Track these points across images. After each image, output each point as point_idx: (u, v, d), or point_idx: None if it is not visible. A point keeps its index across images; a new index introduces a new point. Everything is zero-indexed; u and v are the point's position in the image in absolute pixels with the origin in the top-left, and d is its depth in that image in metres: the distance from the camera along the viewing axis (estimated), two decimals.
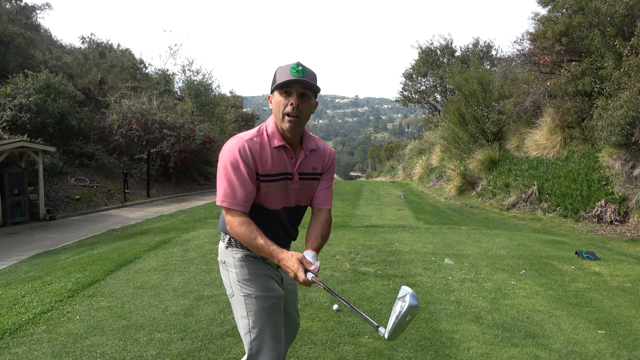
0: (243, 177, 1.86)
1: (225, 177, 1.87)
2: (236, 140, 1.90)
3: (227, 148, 1.90)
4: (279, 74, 1.88)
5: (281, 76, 1.87)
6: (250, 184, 1.88)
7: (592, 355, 3.17)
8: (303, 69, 1.86)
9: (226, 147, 1.91)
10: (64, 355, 3.07)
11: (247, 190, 1.88)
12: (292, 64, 1.88)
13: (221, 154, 1.92)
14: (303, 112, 1.89)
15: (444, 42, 28.45)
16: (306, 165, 2.02)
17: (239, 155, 1.86)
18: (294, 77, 1.84)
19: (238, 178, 1.86)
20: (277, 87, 1.87)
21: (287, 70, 1.86)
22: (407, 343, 3.28)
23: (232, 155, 1.86)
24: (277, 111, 1.89)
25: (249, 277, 2.00)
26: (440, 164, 20.28)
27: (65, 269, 5.85)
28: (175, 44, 57.10)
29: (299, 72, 1.85)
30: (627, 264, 5.86)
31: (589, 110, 11.61)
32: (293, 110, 1.86)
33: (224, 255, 2.08)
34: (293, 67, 1.86)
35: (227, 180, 1.87)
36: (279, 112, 1.89)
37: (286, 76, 1.85)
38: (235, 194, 1.86)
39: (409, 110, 45.77)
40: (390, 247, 6.33)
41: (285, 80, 1.84)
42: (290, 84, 1.85)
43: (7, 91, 15.33)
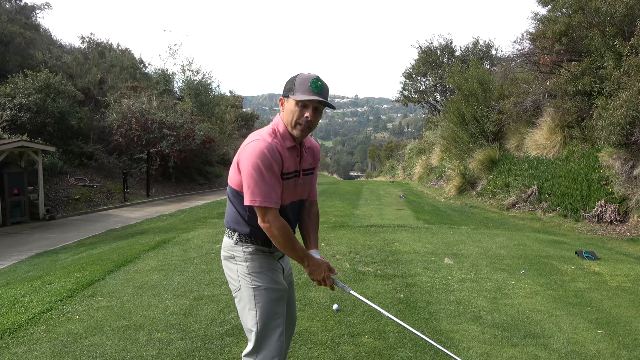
0: (276, 176, 1.95)
1: (259, 178, 1.91)
2: (263, 143, 1.94)
3: (257, 150, 1.92)
4: (298, 84, 1.97)
5: (301, 87, 1.95)
6: (280, 183, 1.98)
7: (592, 355, 3.17)
8: (322, 85, 1.97)
9: (254, 149, 1.93)
10: (64, 355, 3.07)
11: (279, 189, 1.97)
12: (313, 77, 1.97)
13: (249, 156, 1.93)
14: (314, 124, 2.01)
15: (444, 42, 28.44)
16: (306, 162, 2.14)
17: (271, 157, 1.92)
18: (314, 94, 1.94)
19: (271, 178, 1.93)
20: (297, 102, 1.95)
21: (307, 83, 1.95)
22: (407, 343, 3.28)
23: (264, 156, 1.91)
24: (291, 118, 1.99)
25: (260, 270, 2.08)
26: (440, 164, 20.28)
27: (65, 269, 5.85)
28: (175, 44, 57.18)
29: (318, 87, 1.96)
30: (627, 264, 5.86)
31: (589, 110, 11.61)
32: (307, 123, 1.97)
33: (232, 251, 2.13)
34: (313, 82, 1.95)
35: (260, 181, 1.91)
36: (292, 120, 1.98)
37: (306, 89, 1.94)
38: (271, 193, 1.93)
39: (409, 110, 45.78)
40: (390, 247, 6.33)
41: (306, 98, 1.93)
42: (310, 102, 1.95)
43: (7, 91, 15.32)
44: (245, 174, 1.94)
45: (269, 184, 1.92)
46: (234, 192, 2.08)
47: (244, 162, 1.95)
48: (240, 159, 1.98)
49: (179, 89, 26.23)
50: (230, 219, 2.15)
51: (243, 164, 1.95)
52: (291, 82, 1.99)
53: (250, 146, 1.95)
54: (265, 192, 1.92)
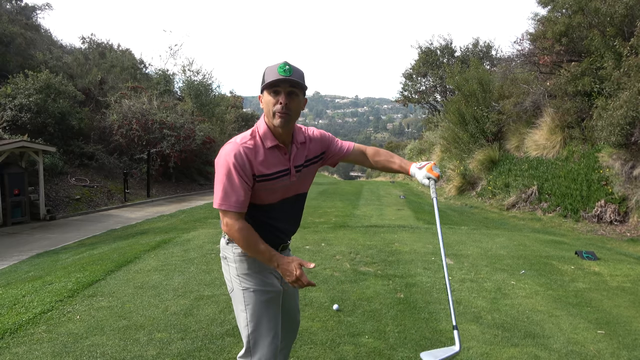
0: (239, 181, 1.92)
1: (222, 182, 1.92)
2: (231, 146, 1.95)
3: (223, 153, 1.95)
4: (267, 73, 1.94)
5: (269, 76, 1.92)
6: (246, 187, 1.94)
7: (592, 355, 3.18)
8: (290, 68, 1.92)
9: (222, 152, 1.96)
10: (64, 355, 3.07)
11: (242, 193, 1.93)
12: (280, 63, 1.94)
13: (218, 159, 1.96)
14: (292, 110, 1.94)
15: (444, 42, 28.42)
16: (299, 158, 2.09)
17: (236, 161, 1.91)
18: (281, 77, 1.89)
19: (234, 182, 1.91)
20: (266, 86, 1.93)
21: (274, 69, 1.92)
22: (407, 343, 3.28)
23: (229, 160, 1.91)
24: (268, 110, 1.96)
25: (247, 272, 2.06)
26: (440, 164, 20.27)
27: (66, 269, 5.86)
28: (175, 44, 57.01)
29: (286, 71, 1.91)
30: (627, 264, 5.87)
31: (589, 110, 11.61)
32: (282, 108, 1.92)
33: (224, 251, 2.13)
34: (280, 67, 1.91)
35: (222, 184, 1.92)
36: (269, 111, 1.95)
37: (274, 75, 1.91)
38: (230, 197, 1.92)
39: (409, 110, 45.76)
40: (390, 247, 6.33)
41: (273, 79, 1.90)
42: (278, 83, 1.91)
43: (7, 91, 15.32)
44: (216, 175, 1.98)
45: (227, 188, 1.91)
46: None
47: (215, 166, 1.99)
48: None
49: (179, 89, 26.24)
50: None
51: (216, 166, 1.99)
52: (262, 76, 1.97)
53: (222, 151, 1.97)
54: (223, 196, 1.92)
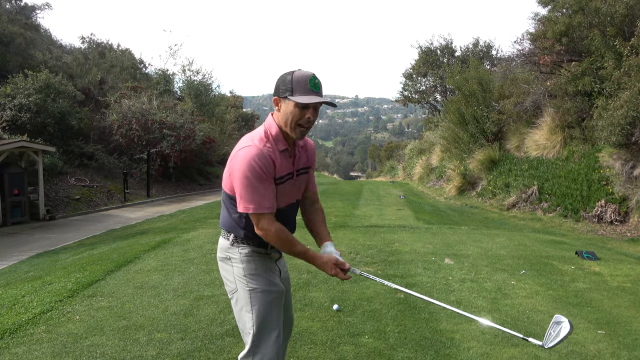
0: (268, 183, 1.92)
1: (251, 185, 1.89)
2: (254, 149, 1.90)
3: (247, 156, 1.89)
4: (296, 83, 1.90)
5: (299, 87, 1.89)
6: (273, 188, 1.95)
7: (592, 355, 3.18)
8: (319, 83, 1.93)
9: (246, 155, 1.90)
10: (64, 355, 3.07)
11: (272, 195, 1.94)
12: (309, 75, 1.91)
13: (239, 163, 1.90)
14: (312, 123, 1.97)
15: (444, 42, 28.43)
16: (300, 162, 2.12)
17: (262, 163, 1.89)
18: (314, 94, 1.89)
19: (265, 185, 1.90)
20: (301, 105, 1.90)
21: (305, 82, 1.89)
22: (407, 343, 3.28)
23: (254, 164, 1.88)
24: (289, 120, 1.93)
25: (255, 272, 2.05)
26: (440, 164, 20.28)
27: (65, 269, 5.85)
28: (175, 44, 57.13)
29: (316, 86, 1.91)
30: (627, 264, 5.86)
31: (589, 110, 11.61)
32: (308, 123, 1.93)
33: (228, 252, 2.10)
34: (311, 80, 1.90)
35: (253, 188, 1.89)
36: (290, 121, 1.93)
37: (305, 89, 1.88)
38: (263, 200, 1.91)
39: (409, 110, 45.78)
40: (390, 247, 6.33)
41: (309, 101, 1.88)
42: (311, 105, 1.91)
43: (7, 91, 15.32)
44: (236, 182, 1.92)
45: (260, 191, 1.89)
46: (228, 196, 2.06)
47: (234, 170, 1.92)
48: (231, 166, 1.95)
49: (179, 89, 26.23)
50: (225, 222, 2.12)
51: (234, 172, 1.93)
52: (286, 82, 1.91)
53: (241, 153, 1.91)
54: (257, 199, 1.89)
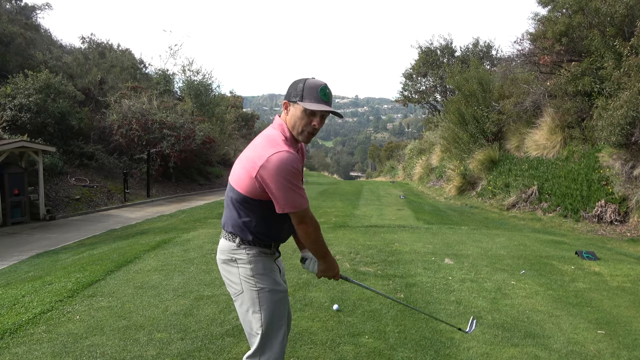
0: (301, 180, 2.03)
1: (295, 187, 1.95)
2: (285, 153, 1.94)
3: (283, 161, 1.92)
4: (307, 90, 1.98)
5: (309, 95, 1.97)
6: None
7: (592, 355, 3.18)
8: (329, 93, 2.02)
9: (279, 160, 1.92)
10: (64, 355, 3.07)
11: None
12: (320, 84, 1.99)
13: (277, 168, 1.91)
14: (317, 130, 2.05)
15: (444, 42, 28.41)
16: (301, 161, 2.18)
17: (296, 166, 1.96)
18: (323, 103, 1.98)
19: (299, 183, 1.99)
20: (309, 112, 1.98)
21: (315, 91, 1.97)
22: (407, 343, 3.28)
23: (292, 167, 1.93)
24: (297, 124, 2.01)
25: (263, 272, 2.08)
26: (440, 164, 20.28)
27: (65, 269, 5.85)
28: (175, 44, 56.96)
29: (326, 95, 2.00)
30: (627, 264, 5.86)
31: (589, 110, 11.61)
32: (313, 130, 2.02)
33: (233, 253, 2.10)
34: (322, 90, 1.98)
35: (296, 188, 1.96)
36: (298, 126, 2.01)
37: (315, 98, 1.97)
38: (304, 195, 2.00)
39: (409, 110, 45.75)
40: (390, 247, 6.33)
41: (318, 109, 1.96)
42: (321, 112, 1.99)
43: (7, 91, 15.31)
44: (275, 186, 1.92)
45: (300, 189, 1.98)
46: (243, 198, 2.02)
47: (272, 175, 1.90)
48: (264, 171, 1.91)
49: (179, 89, 26.23)
50: (233, 224, 2.09)
51: (271, 177, 1.91)
52: (298, 88, 1.99)
53: (275, 158, 1.91)
54: (301, 198, 1.97)
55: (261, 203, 2.01)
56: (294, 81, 2.03)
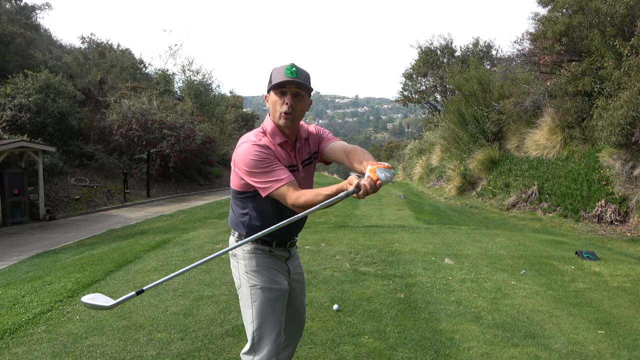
0: (273, 160, 1.94)
1: (258, 173, 1.91)
2: (249, 143, 1.96)
3: (245, 148, 1.94)
4: (274, 74, 2.00)
5: (276, 77, 1.98)
6: (282, 164, 1.96)
7: (592, 355, 3.17)
8: (297, 70, 1.98)
9: (243, 148, 1.95)
10: (64, 355, 3.07)
11: (282, 166, 1.96)
12: (287, 65, 1.99)
13: (241, 156, 1.95)
14: (297, 111, 2.01)
15: (444, 42, 28.42)
16: (304, 153, 2.16)
17: (261, 150, 1.93)
18: (288, 78, 1.95)
19: (270, 163, 1.93)
20: (273, 87, 1.99)
21: (281, 71, 1.98)
22: (407, 343, 3.28)
23: (254, 151, 1.92)
24: (274, 110, 2.02)
25: (256, 269, 2.10)
26: (440, 164, 20.28)
27: (65, 269, 5.85)
28: (175, 44, 57.10)
29: (292, 72, 1.96)
30: (627, 264, 5.86)
31: (589, 110, 11.61)
32: (288, 109, 1.98)
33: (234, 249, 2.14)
34: (287, 68, 1.97)
35: (260, 171, 1.91)
36: (275, 111, 2.02)
37: (281, 77, 1.96)
38: (275, 175, 1.91)
39: (409, 110, 45.74)
40: (390, 247, 6.33)
41: (280, 81, 1.95)
42: (284, 84, 1.96)
43: (7, 91, 15.31)
44: (245, 175, 1.97)
45: (269, 169, 1.93)
46: (235, 192, 2.13)
47: (239, 165, 1.98)
48: (235, 164, 2.02)
49: (179, 89, 26.23)
50: (231, 219, 2.23)
51: (240, 168, 1.98)
52: (269, 77, 2.03)
53: (240, 148, 1.99)
54: (269, 179, 1.91)
55: (250, 196, 2.05)
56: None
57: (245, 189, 2.04)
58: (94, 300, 1.74)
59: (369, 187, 1.71)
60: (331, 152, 2.13)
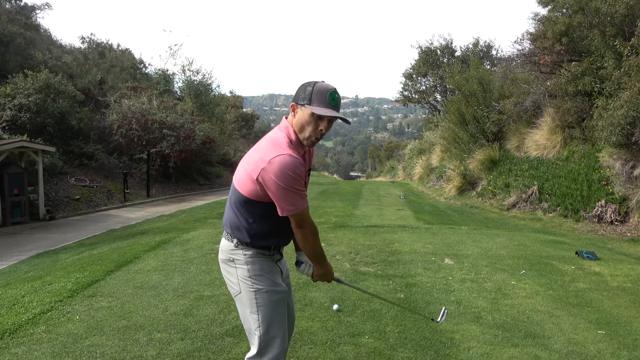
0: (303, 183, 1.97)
1: (292, 192, 1.91)
2: (288, 157, 1.90)
3: (284, 164, 1.89)
4: (315, 93, 1.94)
5: (317, 99, 1.93)
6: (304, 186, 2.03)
7: (592, 355, 3.17)
8: (338, 98, 1.98)
9: (280, 163, 1.89)
10: (64, 355, 3.06)
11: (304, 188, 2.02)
12: (330, 88, 1.95)
13: (278, 171, 1.88)
14: (323, 135, 2.02)
15: (444, 42, 28.41)
16: (309, 162, 2.18)
17: (298, 171, 1.91)
18: (332, 108, 1.94)
19: (301, 186, 1.94)
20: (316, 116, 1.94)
21: (324, 95, 1.94)
22: (407, 343, 3.28)
23: (293, 171, 1.89)
24: (304, 128, 1.98)
25: (260, 273, 2.08)
26: (440, 164, 20.27)
27: (65, 269, 5.85)
28: (175, 44, 57.22)
29: (335, 100, 1.96)
30: (627, 264, 5.86)
31: (589, 110, 11.61)
32: (320, 134, 1.98)
33: (231, 254, 2.11)
34: (331, 94, 1.94)
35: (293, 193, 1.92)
36: (305, 130, 1.98)
37: (323, 102, 1.93)
38: (304, 197, 1.96)
39: (409, 110, 45.75)
40: (390, 247, 6.33)
41: (326, 114, 1.93)
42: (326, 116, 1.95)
43: (7, 91, 15.31)
44: (276, 188, 1.89)
45: (300, 192, 1.94)
46: (244, 200, 2.02)
47: (272, 178, 1.88)
48: (266, 173, 1.90)
49: (179, 89, 26.23)
50: (232, 225, 2.11)
51: (271, 180, 1.89)
52: (307, 91, 1.95)
53: (277, 161, 1.88)
54: (300, 200, 1.94)
55: (261, 205, 2.00)
56: (303, 84, 2.00)
57: (262, 199, 1.97)
58: None
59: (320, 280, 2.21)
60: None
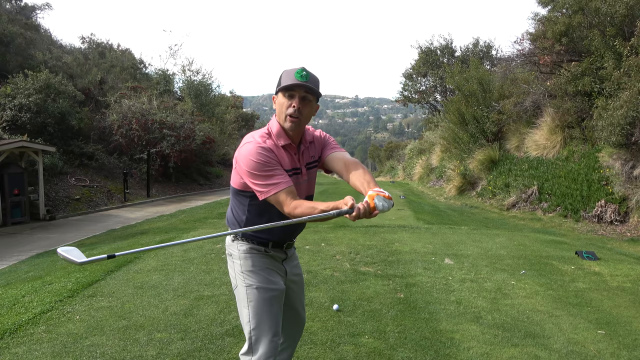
0: (274, 165, 1.96)
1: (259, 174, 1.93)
2: (253, 144, 1.98)
3: (248, 149, 1.96)
4: (284, 77, 2.00)
5: (286, 79, 1.99)
6: (282, 169, 1.98)
7: (592, 355, 3.18)
8: (307, 74, 1.98)
9: (246, 149, 1.97)
10: (64, 355, 3.07)
11: (283, 171, 1.97)
12: (297, 68, 2.00)
13: (243, 157, 1.97)
14: (303, 114, 2.01)
15: (444, 42, 28.41)
16: (307, 156, 2.16)
17: (264, 152, 1.95)
18: (297, 81, 1.96)
19: (271, 167, 1.94)
20: (282, 89, 1.99)
21: (292, 74, 1.98)
22: (407, 343, 3.28)
23: (257, 153, 1.94)
24: (280, 112, 2.02)
25: (251, 269, 2.10)
26: (440, 164, 20.27)
27: (65, 269, 5.85)
28: (175, 44, 57.16)
29: (302, 76, 1.97)
30: (627, 264, 5.86)
31: (589, 110, 11.61)
32: (295, 112, 1.98)
33: (230, 248, 2.18)
34: (298, 72, 1.98)
35: (261, 174, 1.93)
36: (281, 113, 2.02)
37: (291, 80, 1.97)
38: (274, 179, 1.93)
39: (409, 110, 45.76)
40: (390, 247, 6.33)
41: (290, 83, 1.96)
42: (293, 87, 1.97)
43: (7, 91, 15.31)
44: (245, 176, 1.98)
45: (268, 174, 1.94)
46: (234, 191, 2.14)
47: (241, 165, 1.99)
48: (237, 163, 2.02)
49: (179, 89, 26.24)
50: (229, 219, 2.22)
51: (240, 168, 1.99)
52: (279, 79, 2.03)
53: (243, 148, 2.00)
54: (268, 183, 1.93)
55: (250, 196, 2.05)
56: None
57: (245, 188, 2.04)
58: (68, 253, 1.73)
59: (363, 211, 1.78)
60: (332, 161, 2.15)
